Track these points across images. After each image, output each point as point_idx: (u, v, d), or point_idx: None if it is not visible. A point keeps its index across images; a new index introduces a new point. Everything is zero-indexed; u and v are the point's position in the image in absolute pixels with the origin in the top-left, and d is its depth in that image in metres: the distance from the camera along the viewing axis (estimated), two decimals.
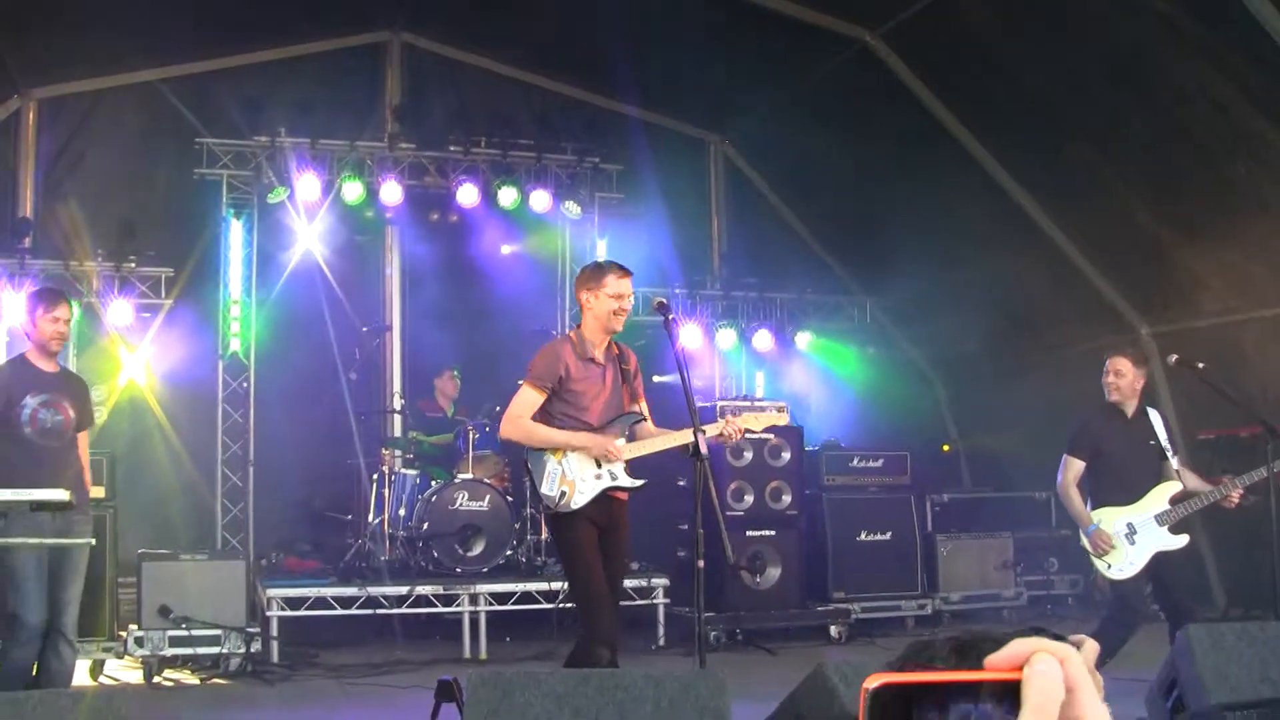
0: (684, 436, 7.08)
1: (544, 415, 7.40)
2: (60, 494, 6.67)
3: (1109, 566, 8.67)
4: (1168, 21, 10.11)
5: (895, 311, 16.24)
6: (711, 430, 7.13)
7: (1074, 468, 8.86)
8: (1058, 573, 13.82)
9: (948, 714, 1.27)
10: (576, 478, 7.24)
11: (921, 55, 12.44)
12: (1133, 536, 8.63)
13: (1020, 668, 1.28)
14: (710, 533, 6.47)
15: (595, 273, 7.43)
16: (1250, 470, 8.52)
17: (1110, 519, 8.72)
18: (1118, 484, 8.77)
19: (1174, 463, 8.79)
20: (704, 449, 6.42)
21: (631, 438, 7.47)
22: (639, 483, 7.41)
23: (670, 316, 7.04)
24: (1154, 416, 8.91)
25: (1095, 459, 8.85)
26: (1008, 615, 13.27)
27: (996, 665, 1.29)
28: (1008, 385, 14.83)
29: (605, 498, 7.29)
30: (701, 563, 6.18)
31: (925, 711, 1.28)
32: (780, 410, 7.74)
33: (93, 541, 7.76)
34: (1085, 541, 8.83)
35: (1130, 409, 8.86)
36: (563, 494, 7.22)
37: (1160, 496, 8.68)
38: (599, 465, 7.28)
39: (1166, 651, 6.26)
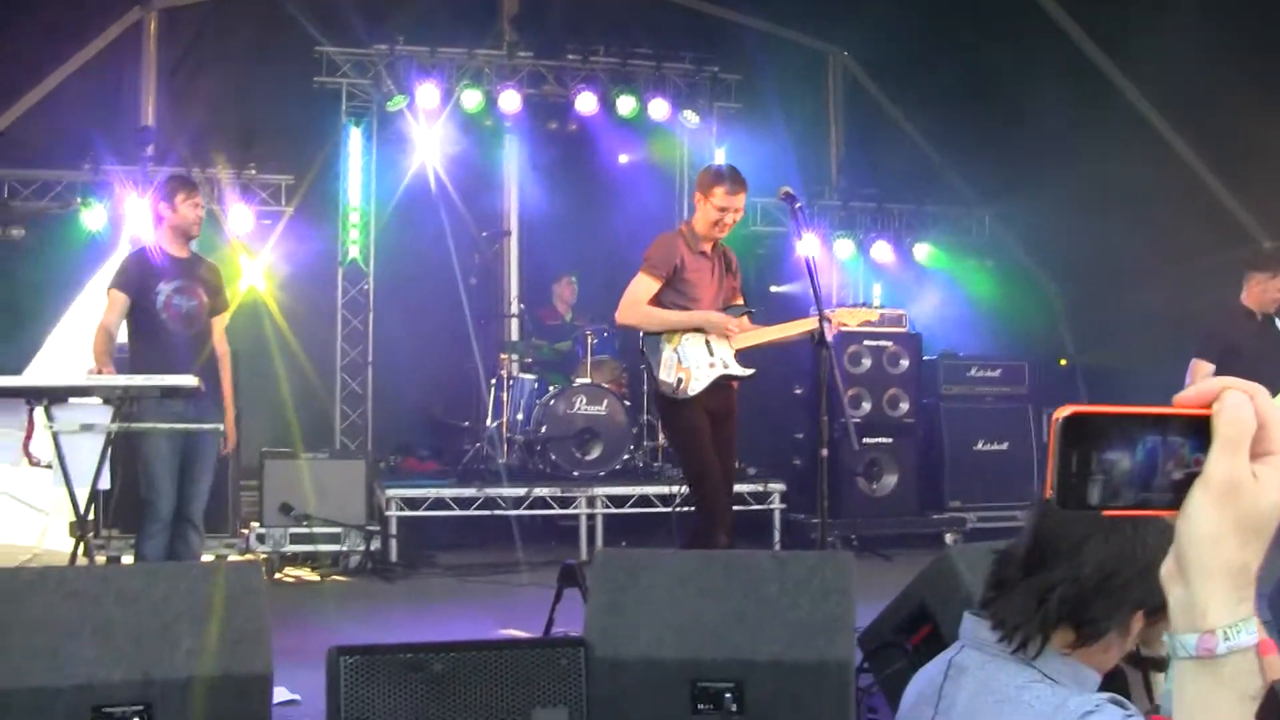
0: (799, 326, 7.18)
1: (656, 305, 7.44)
2: (190, 380, 6.70)
3: None
4: None
5: (1015, 223, 15.99)
6: (806, 325, 7.18)
7: (1202, 370, 8.70)
8: None
9: (1136, 448, 1.26)
10: (692, 365, 7.26)
11: None
12: None
13: (1210, 405, 1.26)
14: (830, 433, 6.44)
15: (709, 180, 7.45)
16: None
17: None
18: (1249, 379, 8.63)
19: None
20: (829, 336, 6.37)
21: None
22: (749, 371, 7.41)
23: (797, 204, 6.98)
24: (1277, 324, 8.81)
25: (1224, 359, 8.67)
26: None
27: (1185, 402, 1.28)
28: (1127, 299, 14.56)
29: (718, 386, 7.34)
30: (825, 451, 6.13)
31: (1113, 445, 1.26)
32: (873, 309, 7.63)
33: (220, 428, 7.81)
34: None
35: (1260, 315, 8.75)
36: (679, 380, 7.24)
37: None
38: (711, 354, 7.30)
39: None
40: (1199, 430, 1.25)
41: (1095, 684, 2.44)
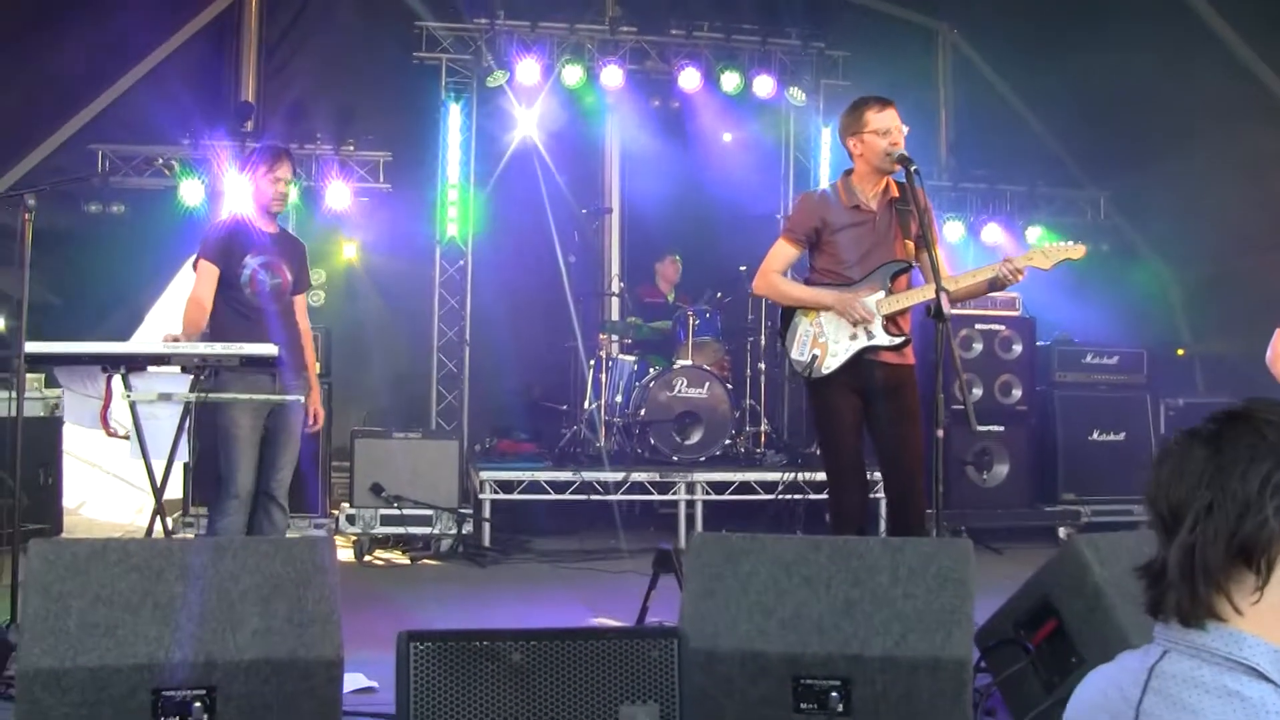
0: (952, 283, 6.49)
1: (809, 271, 6.94)
2: (270, 348, 6.47)
3: None
4: None
5: (1130, 206, 15.59)
6: (977, 277, 6.55)
7: None
8: None
9: None
10: (830, 339, 6.66)
11: None
12: None
13: None
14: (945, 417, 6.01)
15: (852, 115, 6.71)
16: None
17: None
18: None
19: None
20: (947, 309, 5.93)
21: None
22: (899, 339, 6.69)
23: (914, 168, 6.42)
24: None
25: None
26: None
27: None
28: (1246, 284, 14.14)
29: (865, 360, 6.66)
30: (941, 431, 5.76)
31: None
32: (1076, 245, 6.78)
33: (303, 399, 7.59)
34: None
35: None
36: (814, 358, 6.66)
37: None
38: (855, 324, 6.64)
39: None
40: None
41: None
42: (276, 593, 4.41)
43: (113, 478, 11.68)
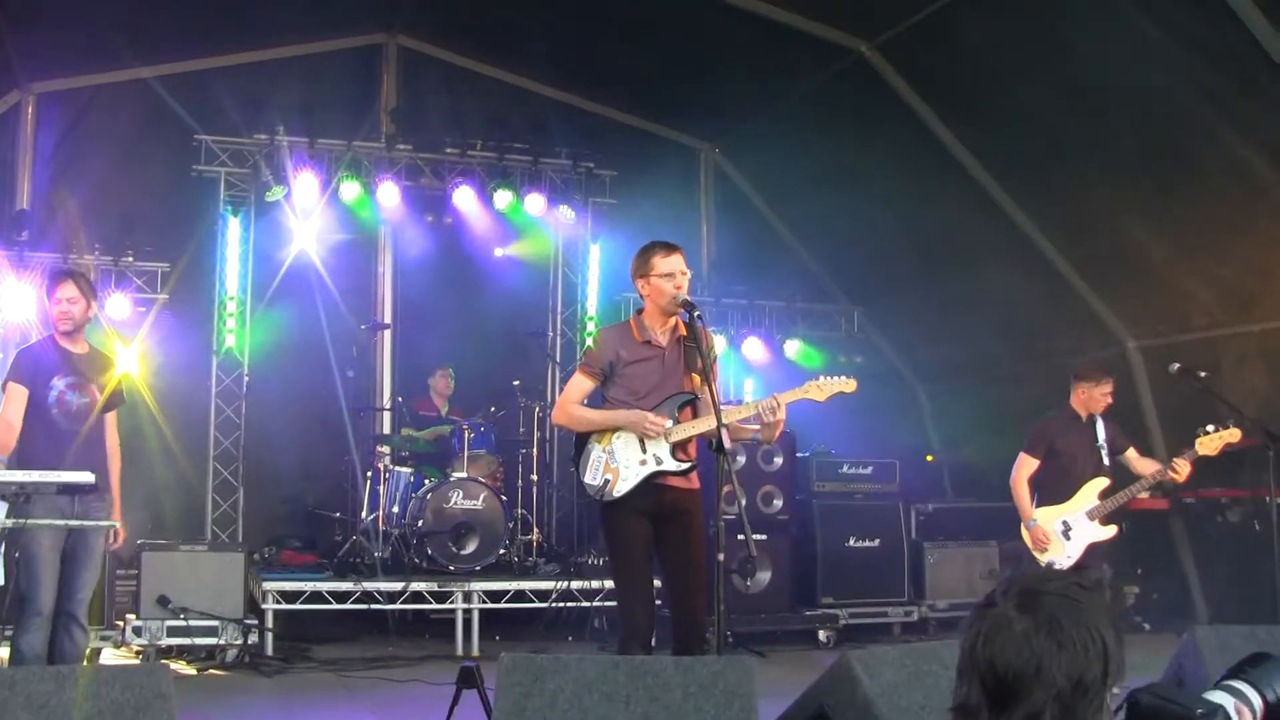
0: (739, 411, 6.95)
1: (602, 403, 7.23)
2: (86, 476, 6.71)
3: (1050, 563, 9.57)
4: (1160, 45, 10.22)
5: (882, 321, 16.35)
6: (744, 412, 6.96)
7: (1028, 465, 9.91)
8: None
9: None
10: (620, 465, 6.97)
11: (918, 68, 12.47)
12: (1068, 533, 9.66)
13: None
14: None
15: (641, 259, 7.16)
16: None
17: (1048, 518, 9.73)
18: (1062, 482, 9.77)
19: (1132, 452, 9.90)
20: (726, 444, 6.38)
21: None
22: (686, 465, 7.05)
23: (696, 313, 6.89)
24: (1099, 423, 9.90)
25: (1048, 457, 9.83)
26: None
27: None
28: (991, 396, 14.90)
29: (653, 486, 6.99)
30: (722, 556, 6.22)
31: None
32: (848, 379, 7.23)
33: (117, 524, 7.78)
34: (1025, 535, 9.84)
35: (1085, 417, 9.89)
36: (606, 482, 6.97)
37: (1090, 493, 9.67)
38: (644, 450, 6.97)
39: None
40: None
41: None
42: (118, 719, 4.64)
43: None
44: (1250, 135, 10.49)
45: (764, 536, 12.44)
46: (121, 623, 10.67)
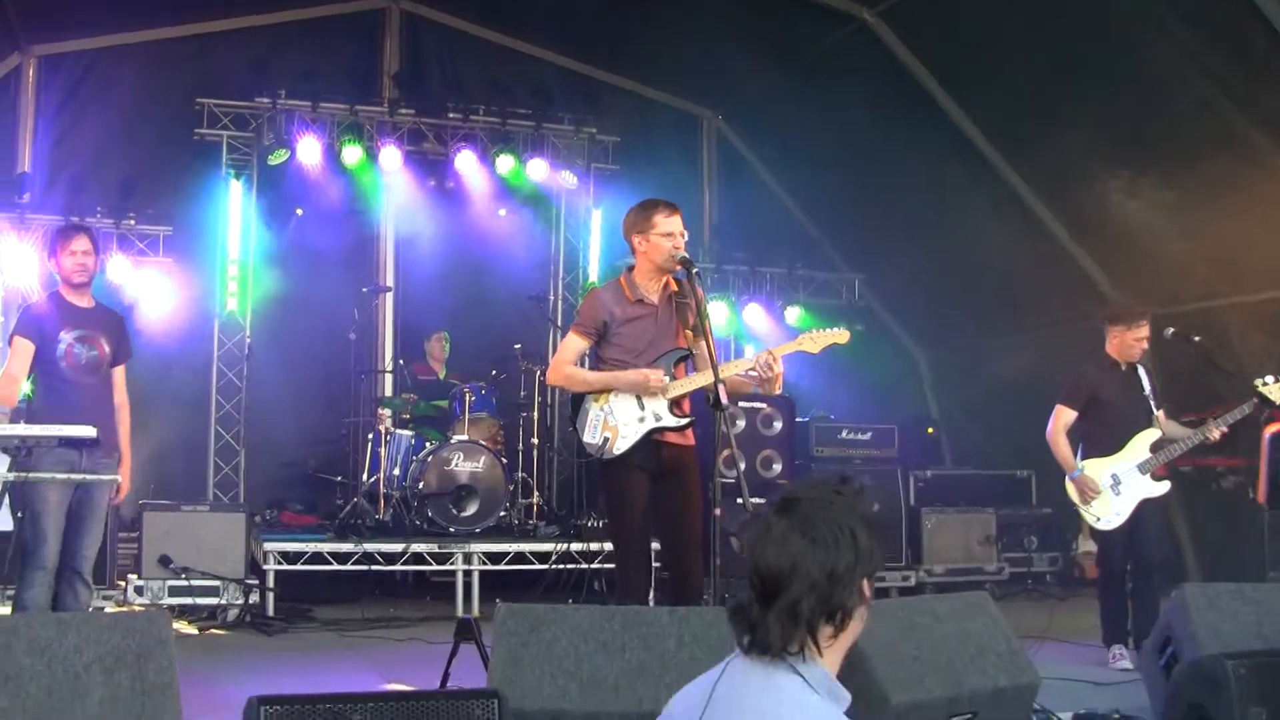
0: (735, 366, 7.01)
1: (597, 362, 7.28)
2: (88, 430, 6.75)
3: (1097, 519, 9.03)
4: (1160, 15, 10.25)
5: (883, 290, 16.38)
6: (740, 366, 7.01)
7: (1065, 417, 9.27)
8: (1037, 550, 13.91)
9: None
10: (619, 422, 6.98)
11: (919, 34, 12.51)
12: (1118, 487, 8.98)
13: None
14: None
15: (642, 214, 7.13)
16: (1233, 423, 8.76)
17: (1096, 470, 9.05)
18: (1109, 434, 9.10)
19: (1160, 414, 9.16)
20: (724, 399, 6.38)
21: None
22: (684, 420, 7.06)
23: (695, 269, 6.93)
24: (1141, 372, 9.26)
25: (1090, 408, 9.21)
26: (990, 589, 13.40)
27: None
28: (990, 364, 14.92)
29: (652, 442, 7.01)
30: (719, 510, 6.25)
31: None
32: (841, 330, 7.24)
33: (119, 479, 7.82)
34: (1070, 488, 9.16)
35: (1124, 365, 9.25)
36: (605, 440, 6.97)
37: (1141, 445, 9.02)
38: (642, 408, 6.98)
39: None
40: None
41: (846, 700, 3.02)
42: (119, 664, 4.68)
43: None
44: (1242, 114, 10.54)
45: (762, 500, 12.47)
46: (123, 582, 10.73)
